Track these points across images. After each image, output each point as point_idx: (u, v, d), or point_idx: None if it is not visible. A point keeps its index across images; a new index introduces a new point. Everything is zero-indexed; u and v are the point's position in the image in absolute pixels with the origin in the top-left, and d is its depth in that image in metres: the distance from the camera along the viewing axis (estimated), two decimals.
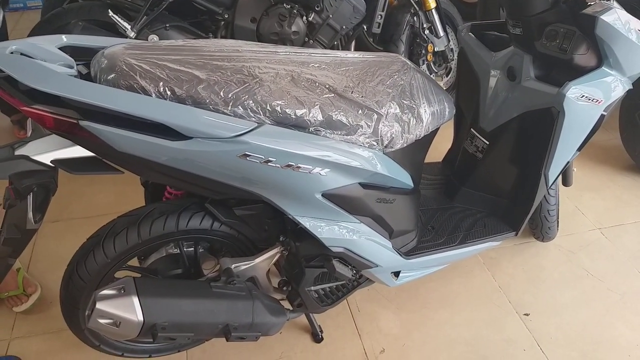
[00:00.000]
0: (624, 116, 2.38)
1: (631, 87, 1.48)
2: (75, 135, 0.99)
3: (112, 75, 1.02)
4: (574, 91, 1.36)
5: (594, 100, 1.40)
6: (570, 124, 1.40)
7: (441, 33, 2.62)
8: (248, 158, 1.05)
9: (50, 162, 1.05)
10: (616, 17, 1.35)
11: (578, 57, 1.40)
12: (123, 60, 1.04)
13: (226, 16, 2.40)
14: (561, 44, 1.40)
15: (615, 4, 1.39)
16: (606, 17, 1.33)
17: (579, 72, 1.40)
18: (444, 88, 2.83)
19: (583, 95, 1.37)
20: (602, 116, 1.45)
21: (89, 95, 0.95)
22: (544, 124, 1.44)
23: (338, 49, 2.62)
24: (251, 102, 1.07)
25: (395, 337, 1.68)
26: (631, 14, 1.43)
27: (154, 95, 1.02)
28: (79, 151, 1.06)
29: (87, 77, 1.10)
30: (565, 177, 1.85)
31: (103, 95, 0.96)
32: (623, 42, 1.36)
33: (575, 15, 1.37)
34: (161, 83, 1.02)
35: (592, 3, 1.36)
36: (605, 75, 1.40)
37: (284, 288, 1.45)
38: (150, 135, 0.99)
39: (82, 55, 1.16)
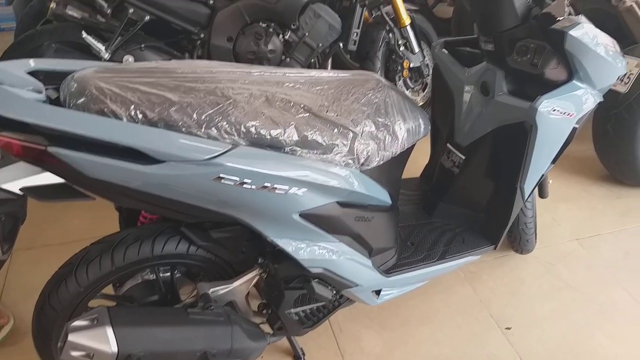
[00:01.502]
0: (597, 127, 2.43)
1: (602, 99, 1.51)
2: (44, 162, 0.96)
3: (82, 100, 1.00)
4: (546, 105, 1.37)
5: (566, 114, 1.42)
6: (543, 138, 1.42)
7: (416, 49, 2.65)
8: (223, 180, 1.04)
9: (19, 190, 1.02)
10: (584, 32, 1.38)
11: (549, 71, 1.42)
12: (93, 83, 1.03)
13: (202, 36, 2.40)
14: (532, 59, 1.42)
15: (583, 19, 1.42)
16: (574, 32, 1.36)
17: (550, 86, 1.42)
18: (421, 103, 2.87)
19: (555, 109, 1.39)
20: (574, 129, 1.48)
21: (57, 120, 0.93)
22: (518, 138, 1.46)
23: (315, 67, 2.63)
24: (225, 123, 1.06)
25: (378, 356, 1.66)
26: (601, 28, 1.46)
27: (125, 119, 1.00)
28: (48, 178, 1.03)
29: (56, 101, 1.08)
30: (541, 189, 1.87)
31: (72, 121, 0.94)
32: (592, 56, 1.39)
33: (544, 30, 1.40)
34: (132, 106, 1.00)
35: (560, 19, 1.39)
36: (576, 88, 1.43)
37: (264, 311, 1.42)
38: (121, 160, 0.97)
39: (52, 79, 1.14)
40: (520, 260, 2.06)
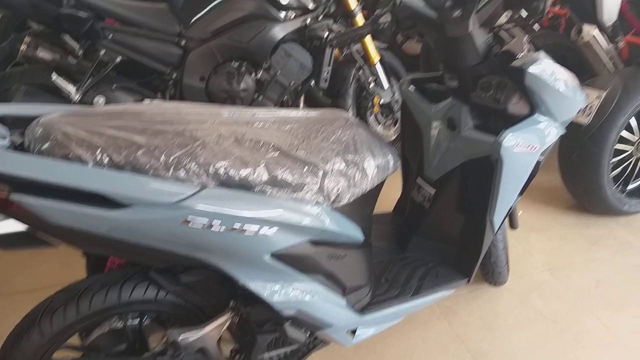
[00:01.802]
0: (563, 158, 2.50)
1: (564, 131, 1.55)
2: (6, 209, 0.94)
3: (47, 145, 0.99)
4: (510, 139, 1.41)
5: (530, 147, 1.46)
6: (509, 171, 1.45)
7: (386, 86, 2.71)
8: (190, 223, 1.03)
9: None
10: (543, 69, 1.43)
11: (511, 106, 1.46)
12: (59, 128, 1.02)
13: (174, 75, 2.42)
14: (495, 95, 1.46)
15: (542, 55, 1.48)
16: (533, 69, 1.41)
17: (513, 120, 1.46)
18: (393, 137, 2.91)
19: (519, 143, 1.43)
20: (539, 162, 1.51)
21: (20, 167, 0.91)
22: (485, 172, 1.49)
23: (288, 104, 2.67)
24: (193, 165, 1.06)
25: None
26: (562, 62, 1.51)
27: (90, 163, 0.99)
28: (11, 225, 1.01)
29: (21, 147, 1.06)
30: (511, 220, 1.90)
31: (35, 167, 0.93)
32: (551, 92, 1.44)
33: (505, 67, 1.45)
34: (98, 150, 1.00)
35: (520, 56, 1.44)
36: (538, 122, 1.47)
37: (236, 357, 1.39)
38: (87, 205, 0.96)
39: (19, 123, 1.13)
40: (494, 293, 2.07)
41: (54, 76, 2.16)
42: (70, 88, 2.18)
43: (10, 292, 2.01)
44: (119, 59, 2.28)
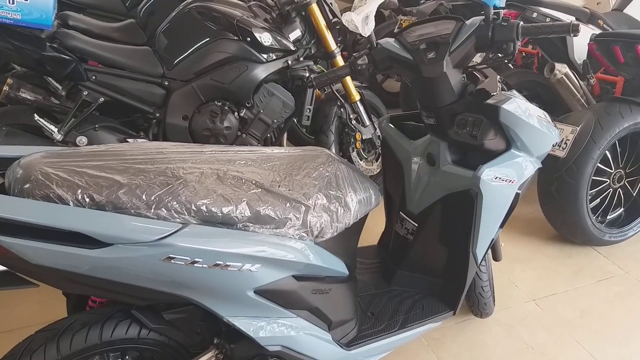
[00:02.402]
0: (542, 191, 2.54)
1: (540, 165, 1.59)
2: None
3: (27, 185, 1.00)
4: (488, 173, 1.44)
5: (508, 180, 1.49)
6: (488, 204, 1.48)
7: (367, 122, 2.77)
8: (173, 260, 1.03)
9: None
10: (516, 106, 1.48)
11: (488, 142, 1.51)
12: (39, 169, 1.02)
13: (158, 115, 2.44)
14: (471, 131, 1.51)
15: (515, 93, 1.54)
16: (507, 106, 1.46)
17: (490, 155, 1.50)
18: (376, 172, 2.95)
19: (497, 177, 1.46)
20: (517, 194, 1.55)
21: None
22: (465, 205, 1.52)
23: (271, 141, 2.70)
24: (175, 203, 1.06)
25: None
26: (536, 98, 1.56)
27: (71, 203, 0.99)
28: None
29: (1, 188, 1.06)
30: (495, 252, 1.92)
31: (14, 208, 0.93)
32: (525, 127, 1.49)
33: (480, 105, 1.50)
34: (79, 190, 1.00)
35: (494, 94, 1.50)
36: (515, 157, 1.51)
37: None
38: (67, 245, 0.96)
39: (0, 165, 1.13)
40: (480, 324, 2.07)
41: (36, 116, 2.17)
42: (52, 128, 2.18)
43: None
44: (101, 100, 2.30)
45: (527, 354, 1.93)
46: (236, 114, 2.50)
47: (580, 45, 2.82)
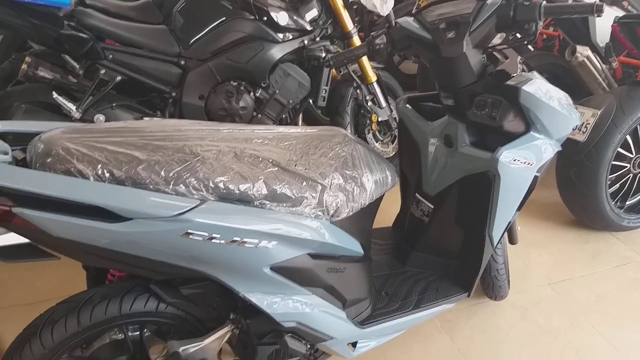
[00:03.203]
0: (561, 175, 2.51)
1: (560, 148, 1.57)
2: (8, 222, 0.96)
3: (49, 160, 1.01)
4: (507, 155, 1.43)
5: (526, 163, 1.47)
6: (506, 186, 1.47)
7: (383, 104, 2.75)
8: (191, 236, 1.04)
9: None
10: (537, 87, 1.45)
11: (507, 123, 1.49)
12: (60, 144, 1.03)
13: (174, 94, 2.45)
14: (490, 113, 1.49)
15: (536, 75, 1.51)
16: (528, 88, 1.43)
17: (509, 137, 1.48)
18: (391, 154, 2.94)
19: (515, 159, 1.45)
20: (536, 177, 1.53)
21: (22, 181, 0.93)
22: (482, 187, 1.50)
23: (286, 122, 2.70)
24: (193, 179, 1.07)
25: None
26: (556, 82, 1.54)
27: (91, 178, 1.00)
28: (13, 238, 1.02)
29: (23, 162, 1.08)
30: (511, 235, 1.91)
31: (37, 181, 0.94)
32: (546, 109, 1.46)
33: (500, 86, 1.47)
34: (99, 166, 1.01)
35: (514, 75, 1.47)
36: (534, 139, 1.49)
37: None
38: (87, 219, 0.97)
39: (20, 140, 1.15)
40: (495, 307, 2.07)
41: (55, 94, 2.19)
42: (70, 106, 2.20)
43: (9, 305, 2.00)
44: (119, 78, 2.31)
45: (541, 337, 1.92)
46: (252, 94, 2.50)
47: (603, 27, 2.75)
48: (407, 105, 1.76)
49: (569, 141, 1.74)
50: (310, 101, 2.65)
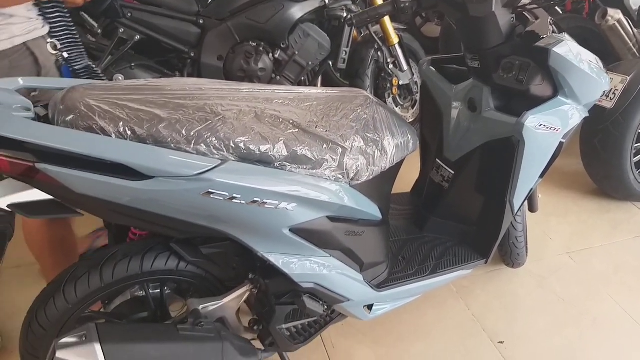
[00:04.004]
0: (584, 143, 2.46)
1: (587, 114, 1.53)
2: (32, 178, 0.96)
3: (71, 117, 1.01)
4: (532, 120, 1.39)
5: (552, 129, 1.44)
6: (530, 152, 1.44)
7: (405, 67, 2.69)
8: (212, 196, 1.04)
9: (7, 206, 1.02)
10: (568, 49, 1.40)
11: (534, 87, 1.44)
12: (82, 101, 1.03)
13: (192, 54, 2.42)
14: (517, 76, 1.44)
15: (567, 37, 1.45)
16: (558, 49, 1.38)
17: (536, 102, 1.44)
18: (411, 120, 2.89)
19: (541, 124, 1.41)
20: (561, 143, 1.49)
21: (45, 137, 0.93)
22: (505, 153, 1.47)
23: (305, 85, 2.66)
24: (214, 139, 1.06)
25: None
26: (584, 46, 1.49)
27: (113, 135, 1.00)
28: (36, 194, 1.03)
29: (45, 119, 1.08)
30: (531, 203, 1.88)
31: (60, 137, 0.94)
32: (576, 73, 1.42)
33: (529, 48, 1.42)
34: (121, 123, 1.01)
35: (544, 36, 1.42)
36: (561, 104, 1.45)
37: (255, 327, 1.41)
38: (110, 176, 0.97)
39: (43, 97, 1.15)
40: (512, 274, 2.06)
41: None
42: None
43: (31, 263, 2.03)
44: (137, 38, 2.29)
45: (557, 305, 1.92)
46: (271, 55, 2.46)
47: None
48: (431, 68, 1.72)
49: (596, 108, 1.69)
50: (330, 63, 2.61)
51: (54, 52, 1.37)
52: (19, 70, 1.28)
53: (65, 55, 1.40)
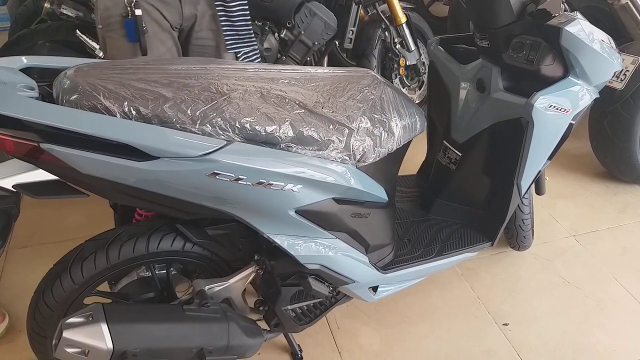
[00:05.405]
0: (593, 124, 2.43)
1: (598, 95, 1.50)
2: (37, 158, 0.96)
3: (75, 96, 0.99)
4: (542, 101, 1.37)
5: (562, 110, 1.42)
6: (539, 134, 1.42)
7: (412, 47, 2.65)
8: (217, 177, 1.03)
9: (12, 187, 1.02)
10: (580, 28, 1.38)
11: (545, 67, 1.42)
12: (86, 80, 1.02)
13: None
14: (528, 55, 1.42)
15: (579, 16, 1.42)
16: (570, 28, 1.36)
17: (546, 82, 1.42)
18: (418, 101, 2.87)
19: (551, 105, 1.39)
20: (571, 125, 1.48)
21: (50, 117, 0.92)
22: (514, 134, 1.46)
23: (311, 65, 2.63)
24: (219, 119, 1.05)
25: (376, 353, 1.66)
26: (596, 25, 1.46)
27: (118, 115, 0.99)
28: (41, 175, 1.03)
29: (49, 98, 1.07)
30: (538, 185, 1.87)
31: (64, 117, 0.93)
32: (587, 52, 1.39)
33: (540, 27, 1.40)
34: (126, 103, 1.00)
35: (556, 15, 1.39)
36: (572, 84, 1.43)
37: (260, 308, 1.42)
38: (115, 156, 0.97)
39: (45, 76, 1.14)
40: (517, 257, 2.06)
41: (78, 32, 2.16)
42: (94, 44, 2.17)
43: (38, 243, 2.07)
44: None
45: (562, 287, 1.92)
46: (276, 34, 2.42)
47: None
48: (439, 47, 1.69)
49: (605, 89, 1.66)
50: (337, 43, 2.57)
51: None
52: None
53: None
